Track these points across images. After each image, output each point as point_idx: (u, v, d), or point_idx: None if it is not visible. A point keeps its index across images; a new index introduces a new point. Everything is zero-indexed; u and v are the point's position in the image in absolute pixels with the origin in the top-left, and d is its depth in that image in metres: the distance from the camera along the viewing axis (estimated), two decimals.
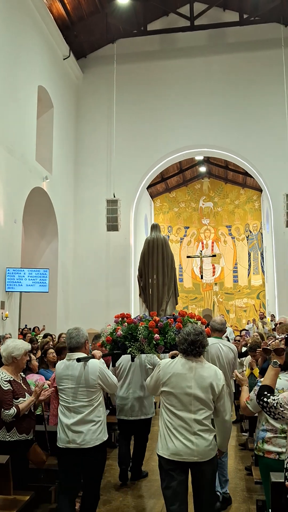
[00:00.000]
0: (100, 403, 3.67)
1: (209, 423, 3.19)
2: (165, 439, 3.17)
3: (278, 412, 2.58)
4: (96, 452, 3.56)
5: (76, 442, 3.51)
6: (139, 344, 4.57)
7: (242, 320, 19.99)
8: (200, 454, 3.09)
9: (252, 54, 14.62)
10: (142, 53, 15.15)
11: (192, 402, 3.14)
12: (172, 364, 3.26)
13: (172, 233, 21.66)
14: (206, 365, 3.28)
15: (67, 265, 14.10)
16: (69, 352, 3.71)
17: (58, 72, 13.74)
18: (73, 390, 3.58)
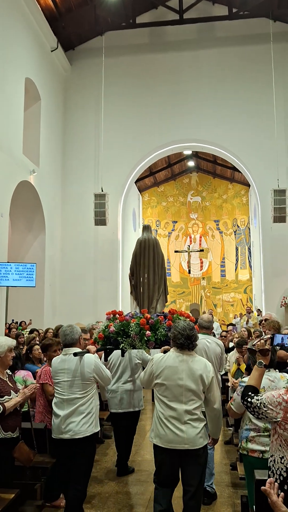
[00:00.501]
0: (93, 395, 3.88)
1: (199, 413, 3.40)
2: (157, 428, 3.40)
3: (261, 412, 2.60)
4: (86, 443, 3.74)
5: (69, 433, 3.72)
6: (131, 340, 4.80)
7: (229, 315, 20.10)
8: (190, 442, 3.30)
9: (241, 49, 14.60)
10: (130, 46, 15.04)
11: (183, 393, 3.37)
12: (164, 358, 3.48)
13: (160, 228, 21.66)
14: (197, 358, 3.49)
15: (54, 260, 14.03)
16: (64, 348, 3.94)
17: (45, 64, 13.58)
18: (68, 383, 3.81)
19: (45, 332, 9.00)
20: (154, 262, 5.73)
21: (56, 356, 4.41)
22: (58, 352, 4.67)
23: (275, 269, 13.84)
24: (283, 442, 2.54)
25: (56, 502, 4.51)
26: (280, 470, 2.54)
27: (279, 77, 14.00)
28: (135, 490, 5.05)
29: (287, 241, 13.83)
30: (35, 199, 12.87)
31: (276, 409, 2.53)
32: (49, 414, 4.55)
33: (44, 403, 4.58)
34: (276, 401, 2.54)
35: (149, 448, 6.38)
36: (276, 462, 2.58)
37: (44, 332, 9.10)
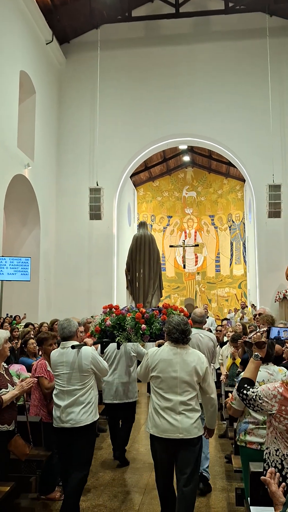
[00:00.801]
0: (92, 386, 4.02)
1: (194, 404, 3.51)
2: (153, 419, 3.53)
3: (257, 404, 2.61)
4: (87, 431, 3.91)
5: (70, 422, 3.88)
6: (126, 333, 4.96)
7: (223, 310, 20.16)
8: (185, 431, 3.42)
9: (237, 43, 14.56)
10: (126, 40, 14.96)
11: (178, 384, 3.49)
12: (159, 352, 3.61)
13: (155, 222, 21.64)
14: (190, 351, 3.61)
15: (49, 254, 13.99)
16: (62, 341, 4.08)
17: (40, 57, 13.48)
18: (67, 375, 3.94)
19: (40, 326, 8.99)
20: (149, 257, 5.90)
21: (52, 349, 4.47)
22: (53, 346, 4.68)
23: (269, 264, 13.88)
24: (278, 434, 2.55)
25: (51, 494, 4.52)
26: (275, 462, 2.56)
27: (275, 72, 13.97)
28: (131, 478, 5.21)
29: (281, 236, 13.87)
30: (29, 193, 12.81)
31: (271, 402, 2.54)
32: (44, 407, 4.55)
33: (39, 397, 4.57)
34: (271, 394, 2.55)
35: (143, 441, 6.44)
36: (271, 455, 2.60)
37: (39, 326, 9.08)
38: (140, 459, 5.82)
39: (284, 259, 13.57)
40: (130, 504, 4.53)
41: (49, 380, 4.55)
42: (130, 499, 4.65)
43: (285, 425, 2.49)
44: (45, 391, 4.51)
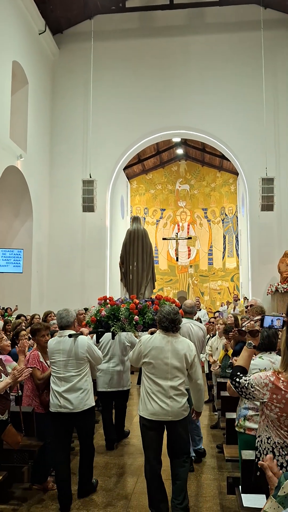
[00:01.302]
0: (87, 373, 4.26)
1: (183, 388, 3.80)
2: (145, 402, 3.80)
3: (249, 392, 2.63)
4: (85, 416, 4.20)
5: (67, 407, 4.11)
6: (120, 323, 5.22)
7: (216, 302, 20.23)
8: (174, 414, 3.73)
9: (231, 36, 14.51)
10: (120, 31, 14.85)
11: (169, 370, 3.77)
12: (152, 339, 3.86)
13: (148, 215, 21.61)
14: (180, 339, 3.90)
15: (41, 246, 13.95)
16: (60, 330, 4.33)
17: (33, 47, 13.35)
18: (64, 362, 4.17)
19: (32, 318, 8.96)
20: (143, 251, 6.19)
21: (45, 340, 4.53)
22: (46, 337, 4.69)
23: (262, 257, 13.94)
24: (270, 423, 2.57)
25: (43, 484, 4.54)
26: (267, 450, 2.58)
27: (269, 64, 13.95)
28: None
29: (274, 229, 13.92)
30: (22, 184, 12.73)
31: (262, 390, 2.56)
32: (36, 398, 4.56)
33: (32, 387, 4.58)
34: (263, 382, 2.57)
35: (136, 432, 6.47)
36: (263, 442, 2.62)
37: (31, 318, 9.06)
38: (132, 444, 6.07)
39: (276, 252, 13.63)
40: (125, 484, 4.77)
41: (42, 371, 4.56)
42: (124, 480, 4.88)
43: (276, 413, 2.50)
44: (38, 382, 4.52)
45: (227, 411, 4.75)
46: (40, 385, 4.54)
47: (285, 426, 2.49)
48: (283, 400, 2.47)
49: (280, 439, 2.52)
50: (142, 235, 6.21)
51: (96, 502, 4.30)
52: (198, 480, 4.84)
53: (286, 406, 2.46)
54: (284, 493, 1.57)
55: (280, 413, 2.48)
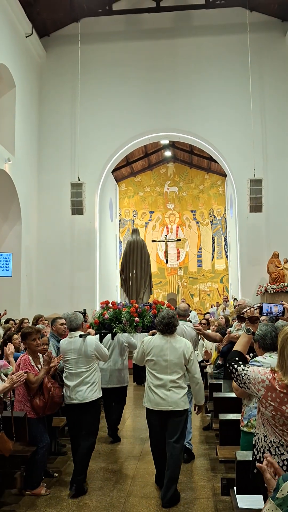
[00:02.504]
0: (96, 369, 4.80)
1: (181, 382, 4.32)
2: (148, 395, 4.37)
3: (244, 382, 2.65)
4: (92, 406, 4.69)
5: (78, 399, 4.64)
6: (122, 325, 5.87)
7: (205, 304, 20.29)
8: (173, 404, 4.26)
9: (218, 38, 14.59)
10: (107, 33, 14.86)
11: (168, 366, 4.31)
12: (152, 340, 4.46)
13: (137, 218, 21.61)
14: (178, 339, 4.45)
15: (30, 249, 13.86)
16: (70, 332, 4.86)
17: (20, 50, 13.29)
18: (75, 359, 4.71)
19: (21, 322, 8.88)
20: (141, 260, 6.84)
21: (36, 344, 4.65)
22: (37, 340, 4.65)
23: (251, 258, 14.00)
24: (265, 420, 2.58)
25: (36, 490, 4.49)
26: (263, 448, 2.58)
27: (255, 67, 14.05)
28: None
29: (263, 230, 14.00)
30: (10, 188, 12.64)
31: (258, 386, 2.57)
32: (27, 402, 4.52)
33: (23, 392, 4.54)
34: (260, 377, 2.58)
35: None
36: (259, 440, 2.62)
37: (20, 322, 8.97)
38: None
39: (265, 253, 13.71)
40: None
41: (34, 374, 4.52)
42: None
43: (271, 411, 2.51)
44: (32, 386, 4.48)
45: (220, 412, 4.75)
46: (34, 389, 4.50)
47: (279, 425, 2.50)
48: (277, 398, 2.48)
49: (275, 437, 2.53)
50: (140, 246, 6.89)
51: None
52: (192, 482, 4.83)
53: (280, 405, 2.47)
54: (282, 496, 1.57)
55: (274, 412, 2.49)
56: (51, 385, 4.59)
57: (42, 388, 4.55)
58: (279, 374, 2.52)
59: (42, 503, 4.33)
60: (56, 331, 5.95)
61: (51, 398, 4.54)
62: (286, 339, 2.51)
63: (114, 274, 19.68)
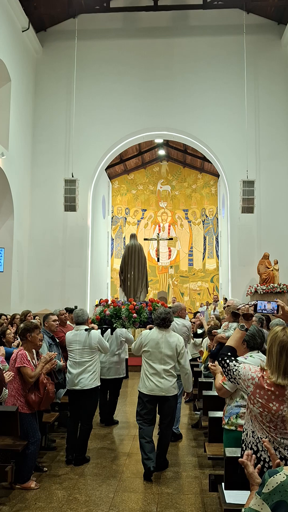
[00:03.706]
0: (97, 360, 5.45)
1: (173, 371, 4.96)
2: (144, 381, 4.98)
3: (234, 377, 2.72)
4: (92, 392, 5.33)
5: (80, 385, 5.26)
6: (121, 321, 6.56)
7: (196, 303, 20.39)
8: (166, 391, 4.90)
9: (214, 39, 14.65)
10: (103, 30, 14.85)
11: (162, 357, 4.95)
12: (150, 333, 5.10)
13: (130, 215, 21.65)
14: (172, 334, 5.10)
15: (22, 245, 13.84)
16: (76, 325, 5.51)
17: (16, 45, 13.24)
18: (80, 350, 5.35)
19: (12, 317, 8.89)
20: (138, 263, 7.63)
21: (40, 338, 4.89)
22: (41, 334, 4.82)
23: (241, 259, 14.11)
24: (253, 417, 2.65)
25: (26, 484, 4.53)
26: (251, 444, 2.66)
27: (250, 69, 14.15)
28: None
29: (254, 231, 14.11)
30: (3, 183, 12.62)
31: (247, 382, 2.65)
32: (21, 397, 4.55)
33: (17, 387, 4.57)
34: (250, 375, 2.65)
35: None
36: (248, 436, 2.70)
37: (11, 317, 8.98)
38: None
39: (256, 254, 13.83)
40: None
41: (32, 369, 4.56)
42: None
43: (258, 408, 2.59)
44: (29, 380, 4.51)
45: (210, 410, 4.82)
46: (30, 383, 4.53)
47: (266, 422, 2.58)
48: (265, 396, 2.56)
49: (262, 434, 2.60)
50: (138, 250, 7.65)
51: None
52: (180, 478, 4.91)
53: (267, 402, 2.55)
54: (268, 490, 1.62)
55: (262, 409, 2.56)
56: (46, 381, 4.64)
57: (38, 383, 4.59)
58: (268, 373, 2.59)
59: (32, 496, 4.37)
60: (49, 327, 5.98)
61: (46, 394, 4.58)
62: (275, 339, 2.59)
63: (105, 271, 19.72)
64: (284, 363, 2.53)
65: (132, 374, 10.96)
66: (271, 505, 1.60)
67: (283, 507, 1.57)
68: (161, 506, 4.21)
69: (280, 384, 2.52)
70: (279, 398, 2.54)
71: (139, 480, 4.85)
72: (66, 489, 4.58)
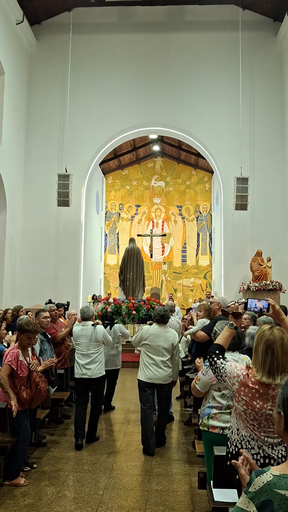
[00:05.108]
0: (102, 352, 6.05)
1: (169, 363, 5.70)
2: (143, 370, 5.70)
3: (221, 375, 2.75)
4: (99, 381, 5.99)
5: (87, 374, 5.87)
6: (122, 317, 7.36)
7: (189, 299, 20.43)
8: (162, 379, 5.64)
9: (210, 35, 14.60)
10: (99, 24, 14.75)
11: (160, 350, 5.67)
12: (150, 328, 5.80)
13: (123, 211, 21.61)
14: (169, 329, 5.85)
15: (15, 240, 13.77)
16: (82, 321, 6.09)
17: (10, 37, 13.11)
18: (86, 343, 5.94)
19: (4, 312, 8.87)
20: (137, 264, 8.30)
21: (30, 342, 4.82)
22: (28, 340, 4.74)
23: (235, 256, 14.14)
24: (238, 415, 2.67)
25: (15, 480, 4.52)
26: (236, 441, 2.68)
27: (246, 65, 14.12)
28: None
29: (247, 228, 14.14)
30: None
31: (233, 380, 2.67)
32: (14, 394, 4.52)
33: (10, 384, 4.54)
34: (235, 372, 2.68)
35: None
36: (233, 434, 2.72)
37: (3, 312, 8.96)
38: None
39: (249, 251, 13.85)
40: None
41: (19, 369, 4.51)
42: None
43: (243, 406, 2.61)
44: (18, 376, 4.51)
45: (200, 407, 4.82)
46: (17, 382, 4.52)
47: (250, 420, 2.60)
48: (249, 394, 2.58)
49: (246, 432, 2.63)
50: (136, 253, 8.38)
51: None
52: (170, 475, 4.92)
53: (251, 400, 2.57)
54: (254, 490, 1.64)
55: (246, 406, 2.59)
56: (39, 380, 4.63)
57: (30, 381, 4.58)
58: (253, 371, 2.61)
59: (21, 493, 4.36)
60: (39, 324, 5.97)
61: (38, 392, 4.57)
62: (261, 337, 2.61)
63: (99, 267, 19.69)
64: (269, 362, 2.55)
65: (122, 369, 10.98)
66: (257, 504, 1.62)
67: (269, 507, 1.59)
68: (150, 503, 4.22)
69: (265, 383, 2.54)
70: (263, 396, 2.56)
71: (128, 477, 4.86)
72: (55, 485, 4.57)
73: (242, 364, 2.77)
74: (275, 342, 2.56)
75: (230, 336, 3.00)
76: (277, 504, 1.57)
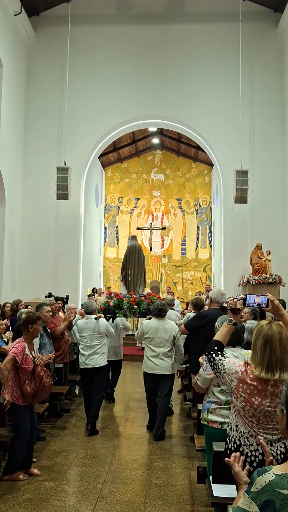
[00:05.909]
0: (104, 343, 6.41)
1: (170, 353, 6.02)
2: (146, 362, 6.06)
3: (220, 371, 2.74)
4: (102, 370, 6.34)
5: (91, 364, 6.23)
6: (123, 311, 7.84)
7: (188, 292, 20.42)
8: (164, 369, 5.97)
9: (209, 26, 14.46)
10: (97, 16, 14.61)
11: (161, 341, 6.01)
12: (149, 322, 6.16)
13: (123, 204, 21.53)
14: (168, 321, 6.18)
15: (14, 233, 13.73)
16: (86, 315, 6.45)
17: (8, 29, 12.98)
18: (90, 336, 6.30)
19: (3, 306, 8.85)
20: (138, 261, 8.69)
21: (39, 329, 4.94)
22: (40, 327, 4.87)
23: (234, 249, 14.11)
24: (236, 411, 2.66)
25: (14, 475, 4.52)
26: (235, 438, 2.67)
27: (246, 57, 14.01)
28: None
29: (247, 221, 14.10)
30: None
31: (231, 376, 2.65)
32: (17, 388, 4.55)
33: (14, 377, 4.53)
34: (234, 369, 2.66)
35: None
36: (232, 430, 2.71)
37: (2, 306, 8.94)
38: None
39: (249, 244, 13.82)
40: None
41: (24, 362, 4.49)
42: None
43: (241, 402, 2.59)
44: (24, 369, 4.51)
45: (199, 401, 4.81)
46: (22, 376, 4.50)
47: (249, 416, 2.59)
48: (247, 390, 2.57)
49: (245, 428, 2.62)
50: (138, 249, 8.80)
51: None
52: (169, 469, 4.92)
53: (249, 397, 2.56)
54: (256, 489, 1.62)
55: (244, 403, 2.57)
56: (43, 374, 4.61)
57: (34, 376, 4.56)
58: (251, 367, 2.59)
59: (20, 488, 4.36)
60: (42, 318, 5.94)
61: (42, 387, 4.55)
62: (260, 332, 2.59)
63: (98, 260, 19.67)
64: (268, 357, 2.53)
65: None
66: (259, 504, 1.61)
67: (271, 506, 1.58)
68: (149, 497, 4.22)
69: (263, 378, 2.52)
70: (262, 393, 2.54)
71: (128, 471, 4.86)
72: (54, 480, 4.57)
73: (240, 361, 2.75)
74: (274, 337, 2.54)
75: (229, 332, 2.97)
76: (279, 504, 1.56)
